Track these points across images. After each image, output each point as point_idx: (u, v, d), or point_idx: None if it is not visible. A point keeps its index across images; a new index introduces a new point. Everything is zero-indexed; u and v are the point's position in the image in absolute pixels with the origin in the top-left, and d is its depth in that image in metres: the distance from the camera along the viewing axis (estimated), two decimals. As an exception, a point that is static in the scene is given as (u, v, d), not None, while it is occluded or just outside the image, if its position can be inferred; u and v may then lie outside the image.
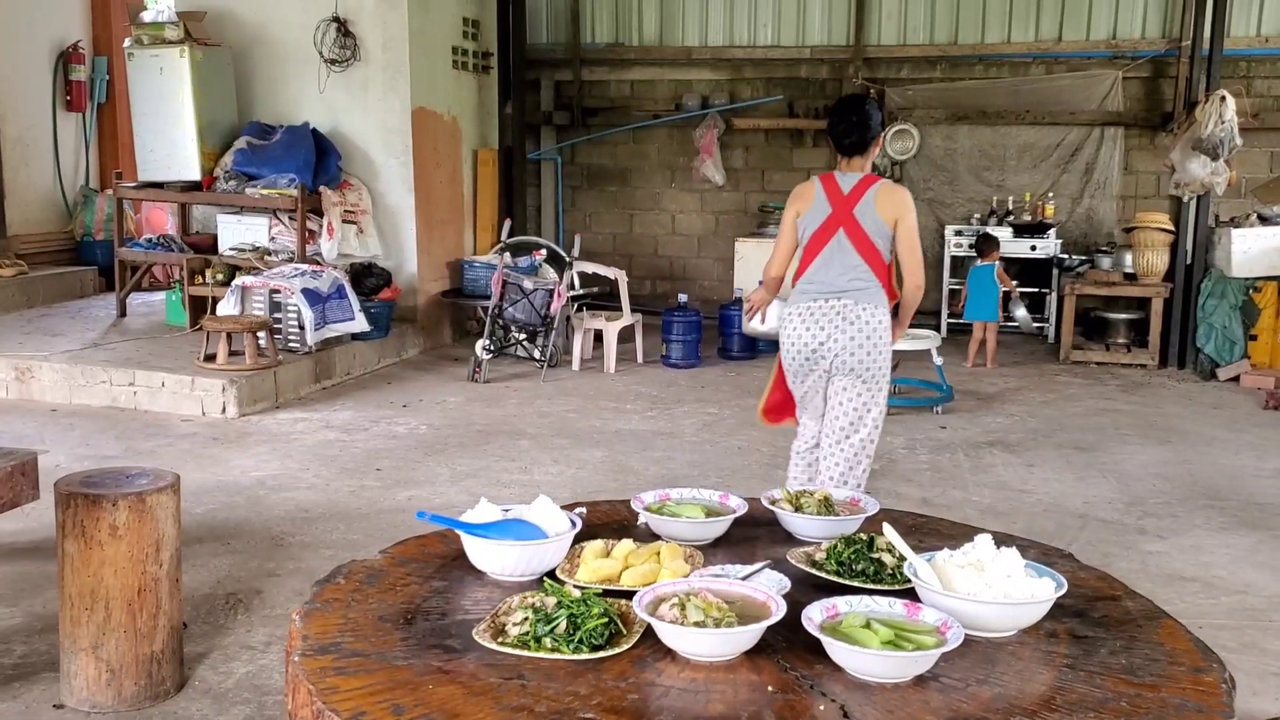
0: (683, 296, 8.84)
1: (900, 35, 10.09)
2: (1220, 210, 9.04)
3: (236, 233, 8.49)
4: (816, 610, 1.87)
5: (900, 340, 4.48)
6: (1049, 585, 1.97)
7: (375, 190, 8.81)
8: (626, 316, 8.55)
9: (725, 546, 2.34)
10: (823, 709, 1.67)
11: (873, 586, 2.06)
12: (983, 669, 1.81)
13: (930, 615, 1.88)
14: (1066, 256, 9.51)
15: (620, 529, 2.41)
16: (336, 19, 8.56)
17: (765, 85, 10.44)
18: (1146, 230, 8.61)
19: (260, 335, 7.14)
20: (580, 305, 8.91)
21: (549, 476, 5.72)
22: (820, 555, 2.19)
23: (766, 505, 2.46)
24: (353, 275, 8.14)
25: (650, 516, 2.39)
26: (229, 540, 4.72)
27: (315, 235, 8.25)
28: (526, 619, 1.84)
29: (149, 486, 3.27)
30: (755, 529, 2.44)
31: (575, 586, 1.98)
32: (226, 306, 7.52)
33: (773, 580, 2.09)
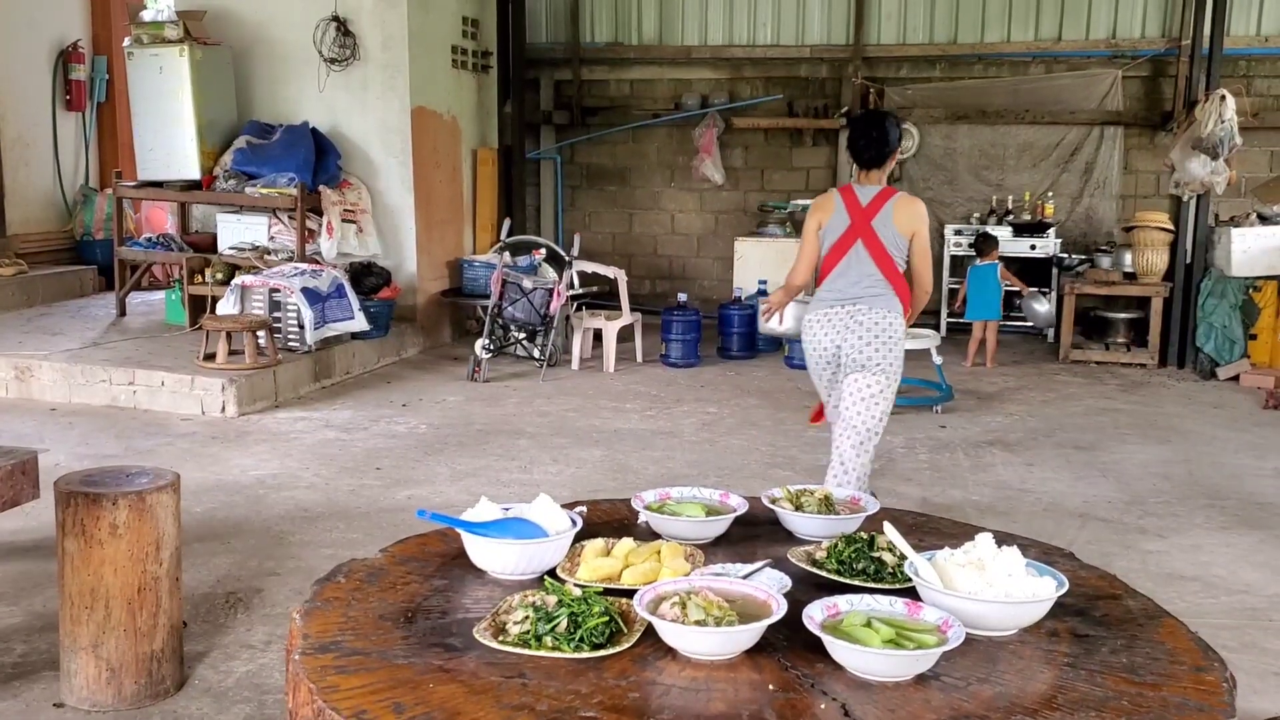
0: (682, 296, 8.84)
1: (900, 34, 10.09)
2: (1220, 209, 9.03)
3: (236, 232, 8.49)
4: (817, 609, 1.87)
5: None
6: (1050, 584, 1.97)
7: (375, 189, 8.81)
8: (626, 316, 8.54)
9: (726, 545, 2.34)
10: (824, 708, 1.66)
11: (873, 585, 2.06)
12: (984, 668, 1.81)
13: (931, 614, 1.88)
14: (1066, 256, 9.51)
15: (621, 528, 2.41)
16: (336, 18, 8.55)
17: (765, 84, 10.44)
18: (1146, 229, 8.61)
19: (260, 334, 7.14)
20: (580, 304, 8.91)
21: (549, 475, 5.72)
22: (821, 554, 2.19)
23: (767, 504, 2.47)
24: (352, 274, 8.13)
25: (651, 515, 2.39)
26: (229, 539, 4.72)
27: (315, 234, 8.25)
28: (527, 618, 1.84)
29: (149, 485, 3.27)
30: (756, 528, 2.44)
31: (576, 585, 1.97)
32: (226, 306, 7.52)
33: (773, 579, 2.09)
